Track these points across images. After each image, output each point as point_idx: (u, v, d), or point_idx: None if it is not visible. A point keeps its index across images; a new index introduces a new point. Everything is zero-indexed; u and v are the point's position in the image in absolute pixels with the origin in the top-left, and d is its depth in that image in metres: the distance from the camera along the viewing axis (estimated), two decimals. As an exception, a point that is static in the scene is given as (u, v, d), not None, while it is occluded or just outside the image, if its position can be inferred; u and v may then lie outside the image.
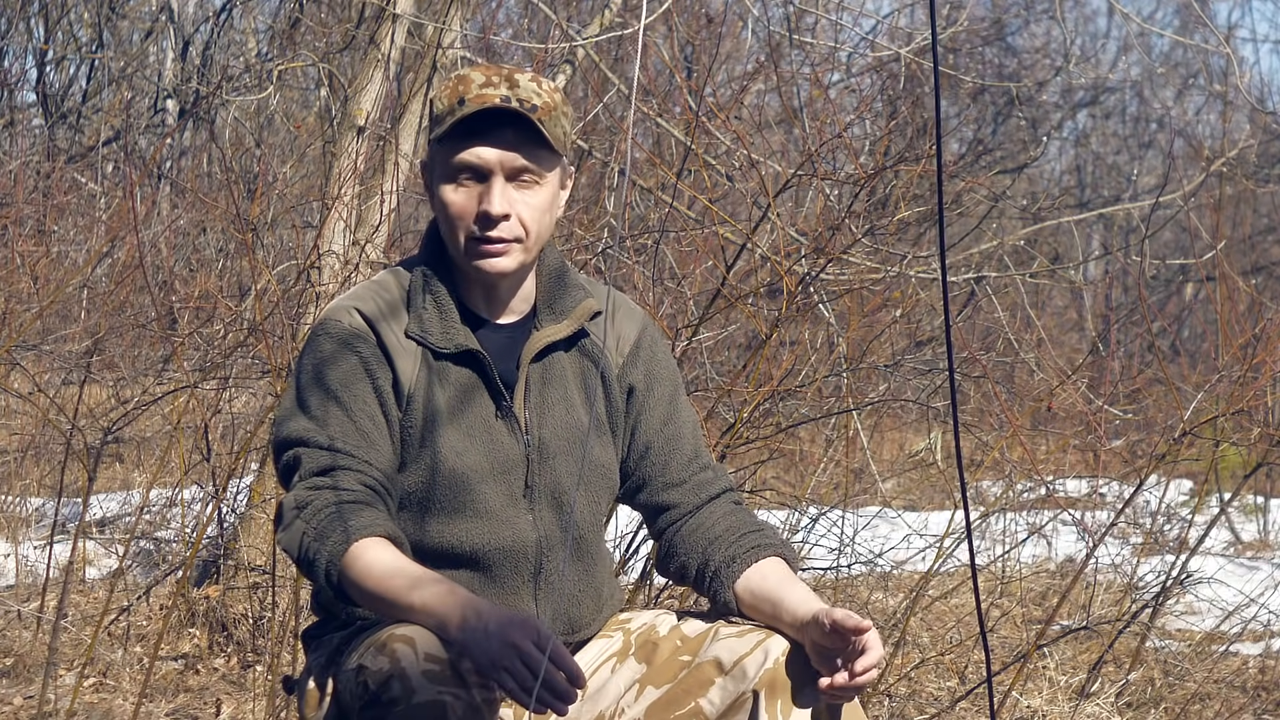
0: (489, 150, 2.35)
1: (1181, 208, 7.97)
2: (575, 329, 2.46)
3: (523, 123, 2.34)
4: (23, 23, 11.60)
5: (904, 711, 4.49)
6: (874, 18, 11.50)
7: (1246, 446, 5.49)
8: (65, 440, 4.90)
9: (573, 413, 2.45)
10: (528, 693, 2.07)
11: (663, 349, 2.57)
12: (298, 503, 2.30)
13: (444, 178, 2.38)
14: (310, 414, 2.35)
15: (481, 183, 2.36)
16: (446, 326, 2.39)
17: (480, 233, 2.36)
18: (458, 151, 2.35)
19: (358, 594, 2.25)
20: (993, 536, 6.28)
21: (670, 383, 2.55)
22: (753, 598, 2.42)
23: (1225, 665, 5.19)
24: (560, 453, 2.43)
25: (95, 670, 4.47)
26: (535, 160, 2.36)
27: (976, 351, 5.50)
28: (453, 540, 2.38)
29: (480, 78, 2.36)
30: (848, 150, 5.11)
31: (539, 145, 2.36)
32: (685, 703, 2.36)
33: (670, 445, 2.52)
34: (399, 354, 2.38)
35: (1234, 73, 8.70)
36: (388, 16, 5.17)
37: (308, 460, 2.33)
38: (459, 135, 2.35)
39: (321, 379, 2.36)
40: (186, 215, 8.62)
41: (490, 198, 2.34)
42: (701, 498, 2.53)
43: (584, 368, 2.48)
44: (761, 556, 2.44)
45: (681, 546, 2.50)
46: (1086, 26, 17.44)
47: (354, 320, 2.38)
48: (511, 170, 2.36)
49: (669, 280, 5.26)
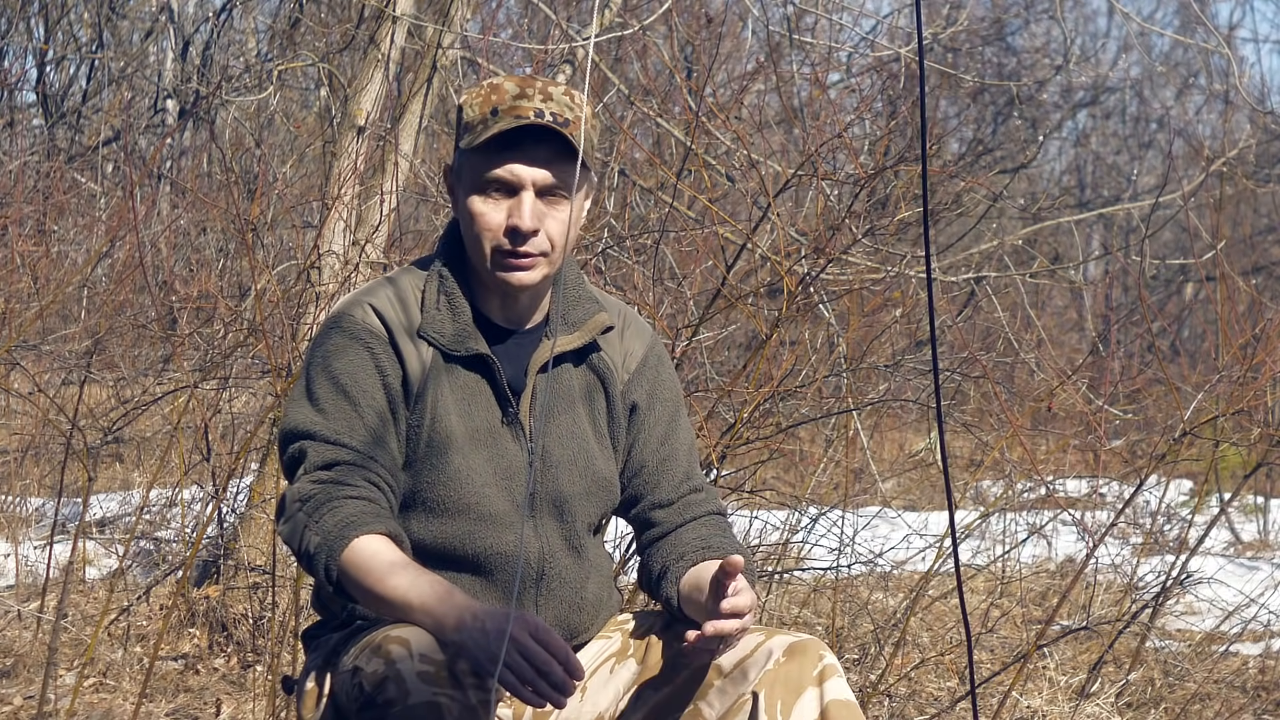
0: (523, 168, 2.34)
1: (1181, 207, 7.97)
2: (586, 341, 2.47)
3: (557, 139, 2.33)
4: (23, 23, 11.60)
5: (904, 711, 4.48)
6: (874, 18, 11.52)
7: (1246, 446, 5.49)
8: (65, 440, 4.90)
9: (577, 424, 2.46)
10: (527, 687, 2.07)
11: (668, 368, 2.58)
12: (300, 495, 2.30)
13: (474, 188, 2.36)
14: (319, 407, 2.35)
15: (511, 196, 2.35)
16: (459, 329, 2.39)
17: (509, 246, 2.35)
18: (491, 165, 2.34)
19: (355, 590, 2.25)
20: (993, 536, 6.28)
21: (672, 402, 2.56)
22: (688, 592, 2.41)
23: (1225, 665, 5.18)
24: (563, 462, 2.43)
25: (95, 670, 4.47)
26: (567, 176, 2.35)
27: (976, 351, 5.49)
28: (455, 543, 2.38)
29: (514, 88, 2.34)
30: (848, 150, 5.11)
31: (571, 161, 2.34)
32: (685, 705, 2.36)
33: (664, 465, 2.53)
34: (410, 353, 2.38)
35: (1234, 73, 8.70)
36: (388, 17, 5.17)
37: (313, 454, 2.33)
38: (493, 148, 2.34)
39: (332, 373, 2.36)
40: (186, 215, 8.62)
41: (521, 213, 2.34)
42: (685, 517, 2.53)
43: (590, 381, 2.49)
44: (709, 557, 2.44)
45: (652, 559, 2.51)
46: (1086, 26, 17.45)
47: (368, 317, 2.38)
48: (543, 187, 2.35)
49: (669, 280, 5.26)
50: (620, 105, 6.86)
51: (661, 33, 7.48)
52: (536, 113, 2.31)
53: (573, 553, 2.45)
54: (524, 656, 2.07)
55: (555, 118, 2.32)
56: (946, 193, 6.23)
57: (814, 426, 6.40)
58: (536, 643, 2.08)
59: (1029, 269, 7.84)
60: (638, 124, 7.29)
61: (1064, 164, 16.86)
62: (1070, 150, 16.70)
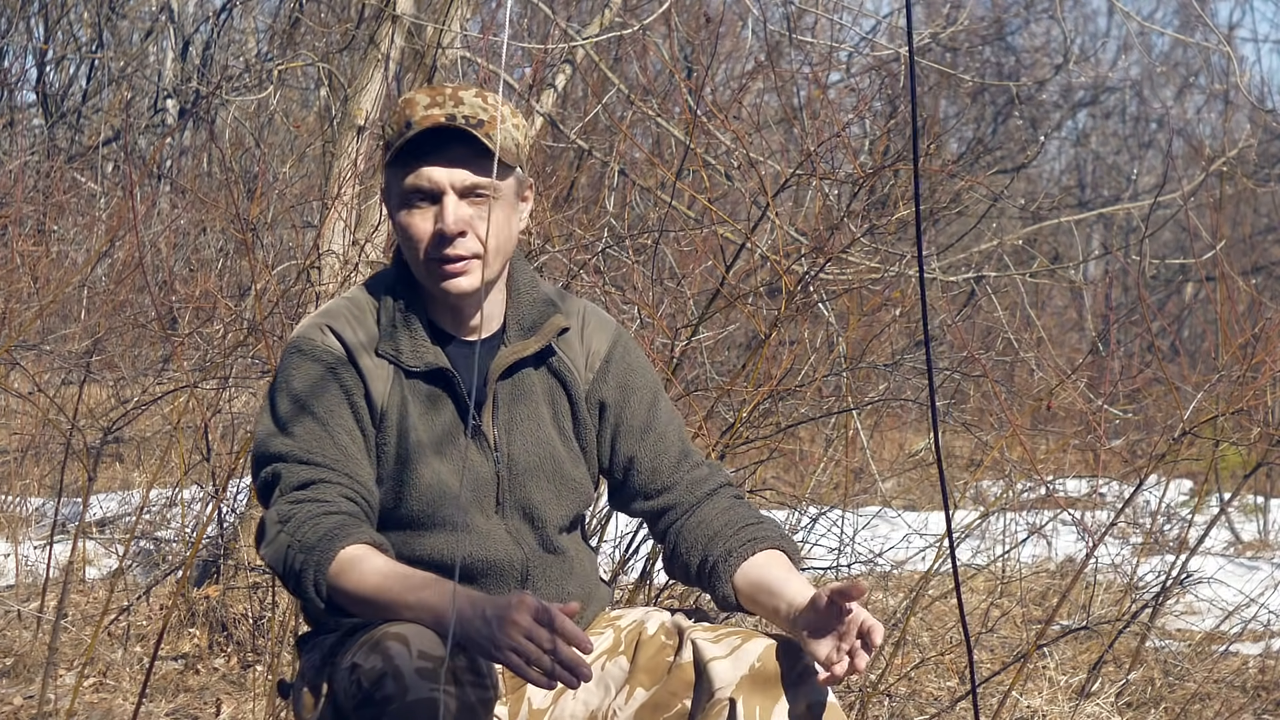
0: (437, 170, 2.35)
1: (1181, 207, 7.97)
2: (542, 345, 2.47)
3: (469, 139, 2.34)
4: (23, 23, 11.60)
5: (904, 711, 4.48)
6: (874, 17, 11.52)
7: (1246, 446, 5.49)
8: (65, 440, 4.90)
9: (542, 429, 2.47)
10: (534, 668, 2.07)
11: (637, 358, 2.57)
12: (280, 517, 2.30)
13: (399, 202, 2.38)
14: (287, 430, 2.36)
15: (435, 203, 2.36)
16: (416, 345, 2.41)
17: (437, 252, 2.36)
18: (407, 174, 2.36)
19: (349, 601, 2.25)
20: (993, 536, 6.28)
21: (648, 390, 2.55)
22: (751, 589, 2.42)
23: (1225, 665, 5.18)
24: (530, 469, 2.45)
25: (95, 670, 4.47)
26: (486, 175, 2.36)
27: (976, 351, 5.49)
28: (435, 556, 2.39)
29: (425, 99, 2.37)
30: (846, 149, 5.10)
31: (489, 159, 2.35)
32: (672, 705, 2.36)
33: (654, 451, 2.53)
34: (371, 372, 2.39)
35: (1234, 72, 8.69)
36: (388, 16, 5.17)
37: (287, 475, 2.33)
38: (408, 158, 2.36)
39: (296, 396, 2.37)
40: (186, 215, 8.63)
41: (444, 216, 2.35)
42: (698, 494, 2.53)
43: (551, 384, 2.49)
44: (759, 549, 2.45)
45: (682, 544, 2.51)
46: (1086, 26, 17.45)
47: (326, 338, 2.40)
48: (463, 188, 2.36)
49: (669, 280, 5.26)
50: (620, 105, 6.86)
51: (661, 33, 7.48)
52: (448, 117, 2.33)
53: (551, 554, 2.47)
54: (528, 638, 2.07)
55: (467, 120, 2.33)
56: (945, 192, 6.22)
57: (814, 426, 6.39)
58: (538, 623, 2.07)
59: (1029, 269, 7.83)
60: (637, 124, 7.29)
61: (1064, 164, 16.87)
62: (1070, 150, 16.70)
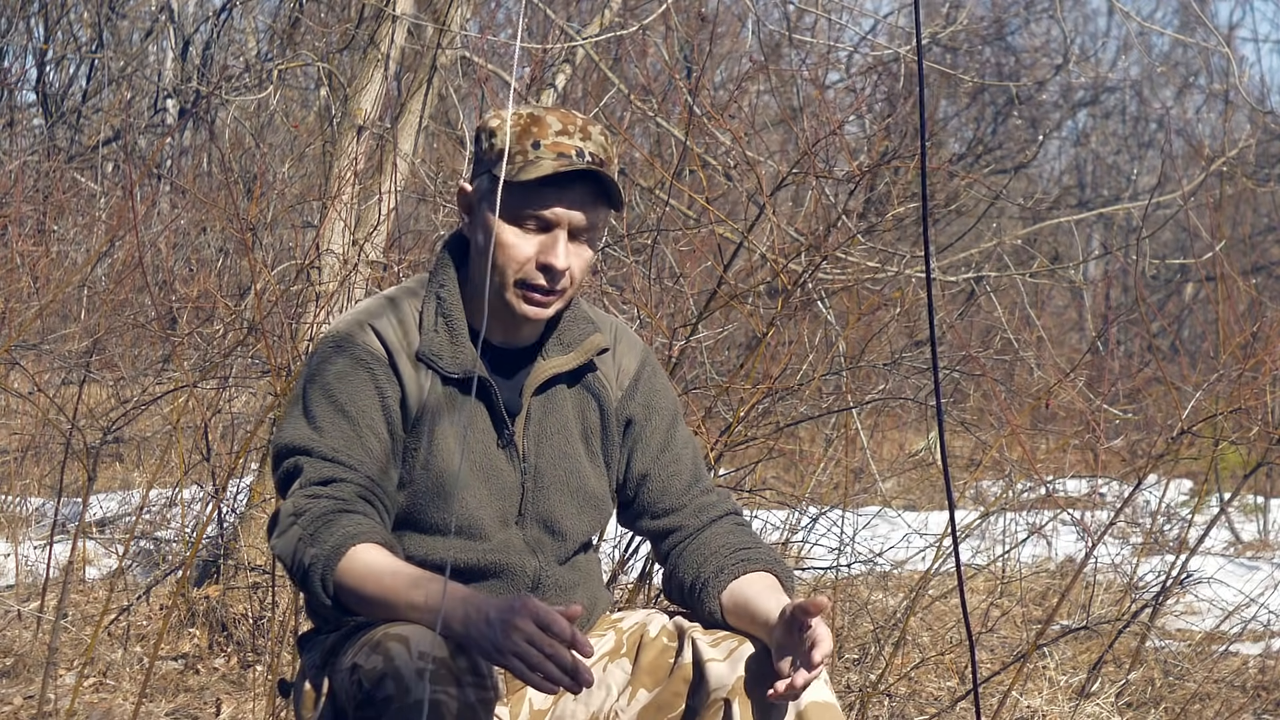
0: (564, 211, 2.36)
1: (1181, 207, 7.97)
2: (581, 362, 2.49)
3: (594, 179, 2.36)
4: (23, 23, 11.60)
5: (904, 711, 4.48)
6: (873, 17, 11.52)
7: (1246, 446, 5.49)
8: (65, 440, 4.90)
9: (570, 444, 2.49)
10: (536, 672, 2.07)
11: (661, 378, 2.61)
12: (296, 510, 2.31)
13: (509, 216, 2.37)
14: (316, 425, 2.36)
15: (544, 232, 2.37)
16: (456, 351, 2.41)
17: (534, 280, 2.37)
18: (535, 203, 2.35)
19: (353, 599, 2.25)
20: (993, 536, 6.28)
21: (669, 412, 2.58)
22: (736, 607, 2.43)
23: (1225, 665, 5.18)
24: (554, 482, 2.46)
25: (95, 670, 4.47)
26: (600, 219, 2.40)
27: (976, 350, 5.49)
28: (455, 560, 2.39)
29: (556, 124, 2.36)
30: (843, 148, 5.11)
31: (602, 201, 2.38)
32: (675, 705, 2.37)
33: (668, 472, 2.55)
34: (409, 376, 2.40)
35: (1234, 72, 8.70)
36: (388, 16, 5.17)
37: (309, 469, 2.34)
38: (537, 184, 2.35)
39: (331, 393, 2.37)
40: (186, 215, 8.63)
41: (556, 252, 2.36)
42: (704, 520, 2.55)
43: (584, 400, 2.51)
44: (749, 570, 2.45)
45: (681, 565, 2.52)
46: (1086, 26, 17.44)
47: (368, 338, 2.40)
48: (576, 229, 2.38)
49: (668, 279, 5.26)
50: (619, 105, 6.86)
51: (660, 33, 7.48)
52: (578, 152, 2.34)
53: (563, 565, 2.49)
54: (530, 642, 2.08)
55: (593, 158, 2.35)
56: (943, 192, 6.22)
57: (813, 426, 6.40)
58: (541, 627, 2.08)
59: (1029, 268, 7.83)
60: (636, 123, 7.29)
61: (1064, 164, 16.86)
62: (1070, 150, 16.70)
